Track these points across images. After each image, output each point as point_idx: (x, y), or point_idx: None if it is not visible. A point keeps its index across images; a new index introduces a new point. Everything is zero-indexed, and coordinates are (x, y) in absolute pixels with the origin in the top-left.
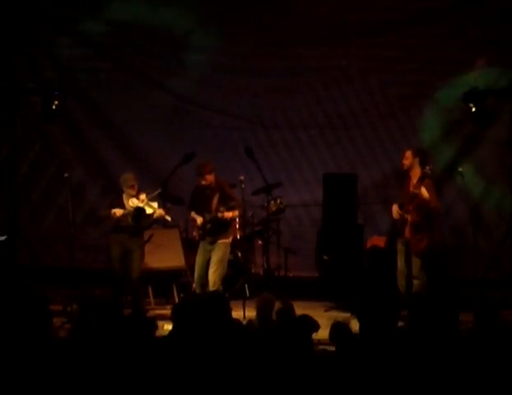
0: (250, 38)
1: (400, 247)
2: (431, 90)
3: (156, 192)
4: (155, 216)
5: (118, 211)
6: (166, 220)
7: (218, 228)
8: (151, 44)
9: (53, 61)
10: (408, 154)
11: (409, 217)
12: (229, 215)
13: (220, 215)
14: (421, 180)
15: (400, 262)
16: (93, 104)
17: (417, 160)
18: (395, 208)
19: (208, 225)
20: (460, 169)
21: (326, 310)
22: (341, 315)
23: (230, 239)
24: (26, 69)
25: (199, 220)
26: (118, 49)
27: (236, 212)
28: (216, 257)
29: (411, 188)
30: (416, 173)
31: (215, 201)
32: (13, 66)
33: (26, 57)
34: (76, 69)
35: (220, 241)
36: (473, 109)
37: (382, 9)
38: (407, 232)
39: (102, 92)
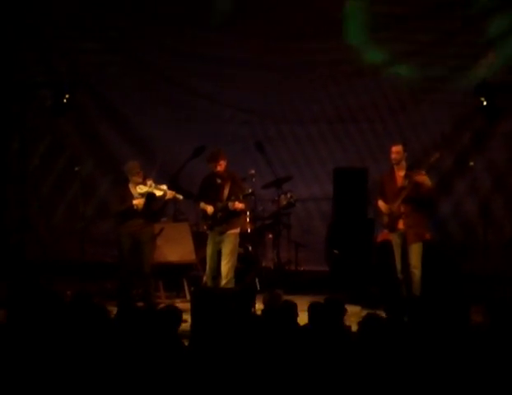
0: (260, 32)
1: (396, 240)
2: (441, 83)
3: (158, 163)
4: (166, 197)
5: (139, 203)
6: (177, 199)
7: (228, 217)
8: (162, 38)
9: (63, 55)
10: (400, 148)
11: (401, 209)
12: (239, 206)
13: (231, 205)
14: (411, 170)
15: (398, 255)
16: (103, 98)
17: (405, 154)
18: (382, 203)
19: (219, 214)
20: (471, 164)
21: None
22: (352, 309)
23: (238, 230)
24: (37, 63)
25: (210, 208)
26: (129, 43)
27: (244, 206)
28: (227, 249)
29: (401, 181)
30: (402, 166)
31: (226, 190)
32: (24, 60)
33: (37, 51)
34: (87, 63)
35: (229, 232)
36: (484, 103)
37: (392, 3)
38: (401, 224)
39: (112, 86)
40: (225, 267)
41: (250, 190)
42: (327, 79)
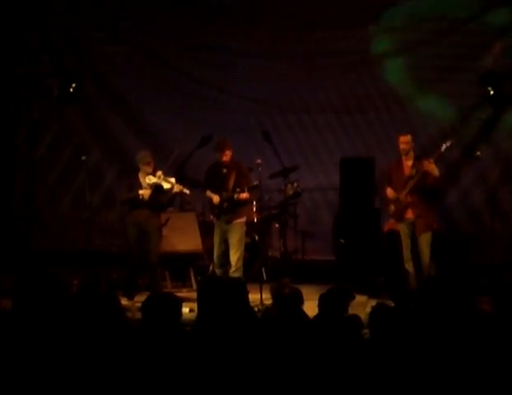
0: (268, 21)
1: (404, 229)
2: (449, 74)
3: (174, 155)
4: (174, 190)
5: (145, 193)
6: (184, 193)
7: (234, 207)
8: (168, 28)
9: (70, 44)
10: (409, 139)
11: (409, 198)
12: (243, 196)
13: (236, 196)
14: (419, 159)
15: (405, 245)
16: (110, 88)
17: (413, 144)
18: (390, 191)
19: (225, 204)
20: (478, 153)
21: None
22: (358, 299)
23: (244, 219)
24: (44, 52)
25: (216, 198)
26: (136, 33)
27: (249, 196)
28: (234, 238)
29: (409, 171)
30: (410, 156)
31: (231, 180)
32: (30, 49)
33: (44, 40)
34: (94, 52)
35: (235, 221)
36: (491, 93)
37: None
38: (409, 213)
39: (119, 75)
40: (234, 256)
41: (256, 182)
42: (334, 68)
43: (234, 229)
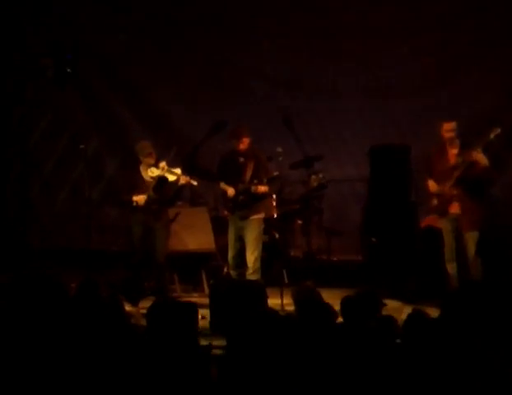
0: None
1: (446, 226)
2: (487, 52)
3: (173, 153)
4: (180, 182)
5: (140, 199)
6: (192, 184)
7: (251, 201)
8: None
9: (65, 21)
10: (454, 125)
11: (454, 191)
12: (262, 189)
13: (253, 188)
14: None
15: (448, 243)
16: (111, 68)
17: (457, 131)
18: (432, 183)
19: (241, 197)
20: None
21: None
22: (391, 305)
23: (263, 215)
24: (38, 31)
25: (230, 190)
26: (141, 5)
27: (268, 189)
28: (250, 236)
29: (454, 160)
30: (456, 143)
31: (249, 170)
32: (24, 28)
33: (38, 18)
34: (93, 29)
35: (252, 217)
36: None
37: None
38: (453, 208)
39: (121, 54)
40: (251, 256)
41: (276, 173)
42: (364, 47)
43: (250, 226)
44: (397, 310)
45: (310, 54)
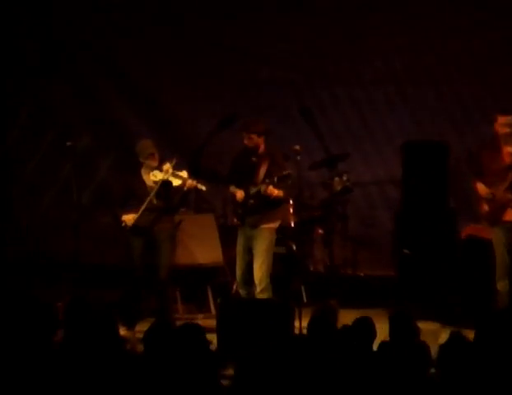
0: None
1: (498, 236)
2: None
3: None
4: (186, 187)
5: (128, 219)
6: (200, 189)
7: (263, 207)
8: None
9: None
10: (511, 119)
11: (509, 195)
12: (274, 192)
13: (263, 188)
14: None
15: (501, 256)
16: (105, 55)
17: None
18: (482, 186)
19: (251, 201)
20: None
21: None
22: (427, 327)
23: (276, 224)
24: (21, 10)
25: (239, 193)
26: None
27: (281, 193)
28: (259, 247)
29: (509, 159)
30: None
31: (262, 171)
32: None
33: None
34: (84, 10)
35: (263, 226)
36: None
37: None
38: (510, 215)
39: (116, 39)
40: (259, 271)
41: (287, 172)
42: (395, 27)
43: (260, 235)
44: (434, 334)
45: (332, 37)
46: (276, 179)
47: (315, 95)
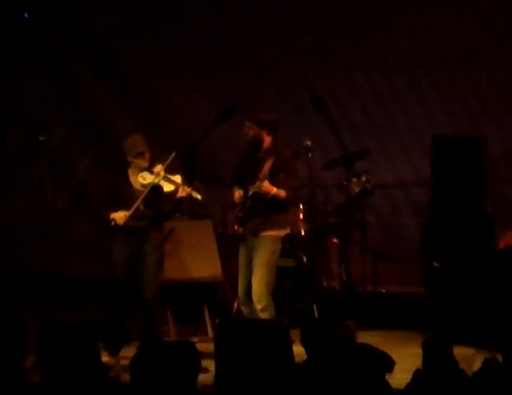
0: None
1: None
2: None
3: (171, 157)
4: (178, 194)
5: (119, 217)
6: (195, 199)
7: (263, 209)
8: None
9: None
10: None
11: None
12: (270, 189)
13: (257, 185)
14: None
15: None
16: (86, 37)
17: None
18: None
19: (248, 203)
20: None
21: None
22: (460, 352)
23: (280, 232)
24: None
25: (237, 193)
26: None
27: (283, 193)
28: (259, 258)
29: None
30: None
31: (265, 170)
32: None
33: None
34: None
35: (264, 233)
36: None
37: None
38: None
39: (99, 19)
40: (257, 286)
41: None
42: (423, 2)
43: (260, 245)
44: (469, 360)
45: (349, 13)
46: (269, 173)
47: (330, 83)
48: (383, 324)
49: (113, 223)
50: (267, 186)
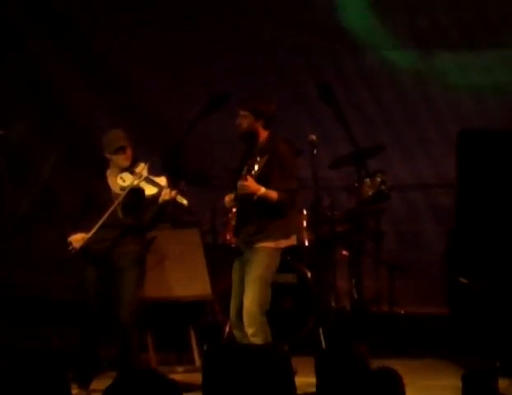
0: None
1: None
2: None
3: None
4: (161, 198)
5: (75, 240)
6: (180, 204)
7: (254, 215)
8: None
9: None
10: None
11: None
12: (254, 188)
13: (239, 183)
14: None
15: None
16: (59, 18)
17: None
18: None
19: (237, 206)
20: None
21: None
22: None
23: (277, 244)
24: None
25: (227, 197)
26: None
27: (274, 194)
28: (251, 274)
29: None
30: None
31: (258, 168)
32: None
33: None
34: None
35: (258, 244)
36: None
37: None
38: None
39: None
40: (248, 306)
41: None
42: None
43: (253, 257)
44: (504, 391)
45: None
46: (255, 171)
47: (338, 67)
48: (400, 350)
49: (70, 247)
50: (249, 184)
